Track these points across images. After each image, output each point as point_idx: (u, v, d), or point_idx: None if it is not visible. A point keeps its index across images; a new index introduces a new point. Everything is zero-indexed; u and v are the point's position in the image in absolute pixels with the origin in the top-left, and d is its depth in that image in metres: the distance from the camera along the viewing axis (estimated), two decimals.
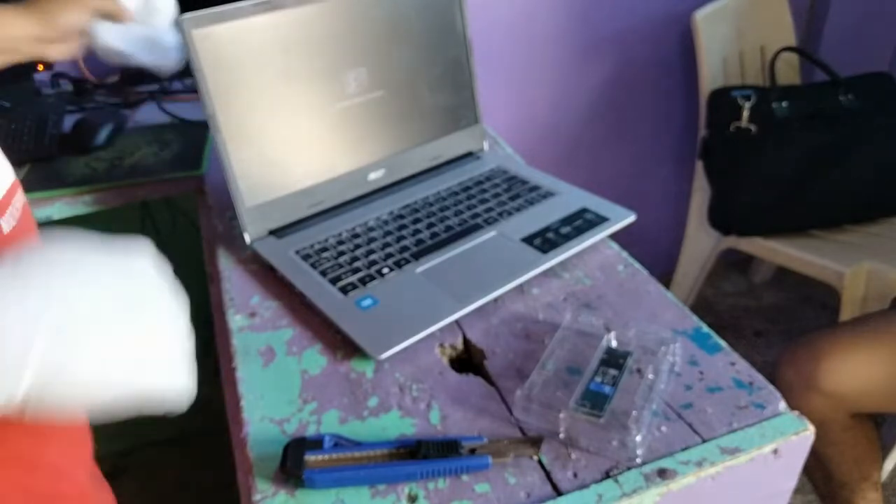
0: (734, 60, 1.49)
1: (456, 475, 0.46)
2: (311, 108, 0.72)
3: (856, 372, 0.94)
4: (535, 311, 0.61)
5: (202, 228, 0.86)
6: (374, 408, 0.52)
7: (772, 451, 0.47)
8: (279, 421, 0.51)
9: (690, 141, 1.61)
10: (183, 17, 0.62)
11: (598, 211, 0.72)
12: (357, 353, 0.57)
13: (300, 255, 0.68)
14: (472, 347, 0.58)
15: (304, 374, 0.55)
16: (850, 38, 1.60)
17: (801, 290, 1.82)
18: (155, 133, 1.04)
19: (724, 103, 1.37)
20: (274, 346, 0.59)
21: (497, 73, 1.39)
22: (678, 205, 1.67)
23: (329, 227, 0.73)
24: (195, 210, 0.90)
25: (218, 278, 0.69)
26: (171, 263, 0.40)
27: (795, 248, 1.35)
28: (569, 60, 1.46)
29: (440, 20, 0.79)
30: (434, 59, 0.80)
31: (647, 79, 1.56)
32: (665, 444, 0.47)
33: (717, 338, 0.57)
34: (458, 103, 0.84)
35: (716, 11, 1.42)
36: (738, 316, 1.79)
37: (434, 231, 0.71)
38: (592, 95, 1.53)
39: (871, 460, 1.02)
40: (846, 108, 1.34)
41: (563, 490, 0.45)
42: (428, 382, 0.54)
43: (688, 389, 0.52)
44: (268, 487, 0.46)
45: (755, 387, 0.51)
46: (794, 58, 1.53)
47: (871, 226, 1.39)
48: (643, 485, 0.44)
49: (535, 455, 0.47)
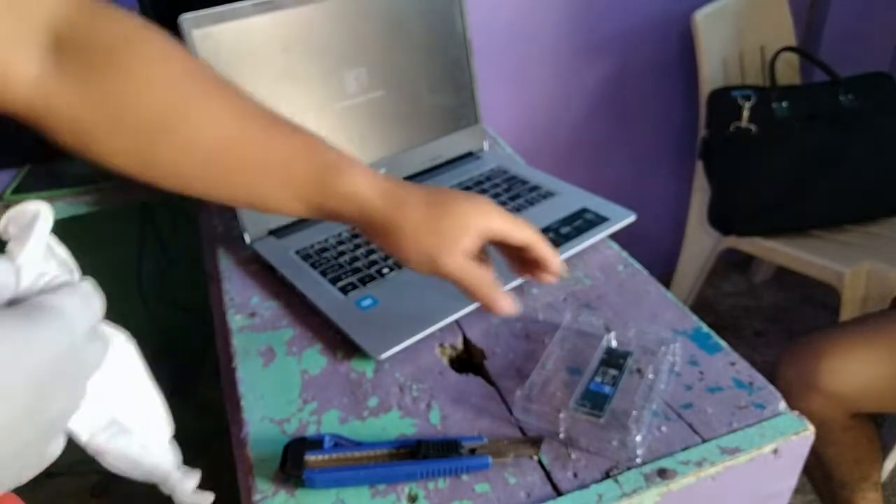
0: (734, 60, 1.49)
1: (456, 475, 0.46)
2: (312, 108, 0.72)
3: (856, 372, 0.94)
4: (535, 311, 0.61)
5: (202, 228, 0.86)
6: (374, 408, 0.52)
7: (772, 451, 0.47)
8: (279, 421, 0.51)
9: (690, 141, 1.61)
10: (183, 17, 0.62)
11: (598, 211, 0.72)
12: (357, 353, 0.57)
13: (300, 255, 0.68)
14: (472, 347, 0.58)
15: (304, 374, 0.55)
16: (850, 38, 1.60)
17: (801, 290, 1.82)
18: None
19: (724, 103, 1.37)
20: (274, 346, 0.59)
21: (497, 73, 1.39)
22: (678, 205, 1.67)
23: (329, 226, 0.73)
24: (195, 210, 0.90)
25: (218, 278, 0.69)
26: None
27: (795, 248, 1.35)
28: (569, 60, 1.46)
29: (440, 20, 0.79)
30: (434, 60, 0.80)
31: (647, 79, 1.56)
32: (665, 444, 0.47)
33: (717, 338, 0.57)
34: (458, 103, 0.84)
35: (716, 11, 1.41)
36: (738, 316, 1.79)
37: None
38: (592, 95, 1.53)
39: (871, 460, 1.02)
40: (846, 108, 1.34)
41: (563, 490, 0.44)
42: (428, 382, 0.54)
43: (688, 389, 0.52)
44: (268, 487, 0.46)
45: (755, 387, 0.51)
46: (794, 58, 1.53)
47: (871, 226, 1.39)
48: (643, 485, 0.44)
49: (535, 455, 0.47)
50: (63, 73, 0.41)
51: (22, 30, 0.40)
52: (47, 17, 0.41)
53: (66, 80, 0.41)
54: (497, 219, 0.48)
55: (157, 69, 0.43)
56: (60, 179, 0.92)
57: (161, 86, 0.43)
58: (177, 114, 0.44)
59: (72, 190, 0.90)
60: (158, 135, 0.44)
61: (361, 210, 0.46)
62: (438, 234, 0.46)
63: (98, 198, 0.90)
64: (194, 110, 0.44)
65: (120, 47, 0.43)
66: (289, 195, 0.46)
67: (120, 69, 0.42)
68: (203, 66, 0.46)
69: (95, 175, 0.93)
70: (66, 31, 0.41)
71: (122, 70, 0.42)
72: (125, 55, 0.43)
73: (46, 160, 0.97)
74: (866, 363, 0.94)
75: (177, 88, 0.44)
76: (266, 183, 0.46)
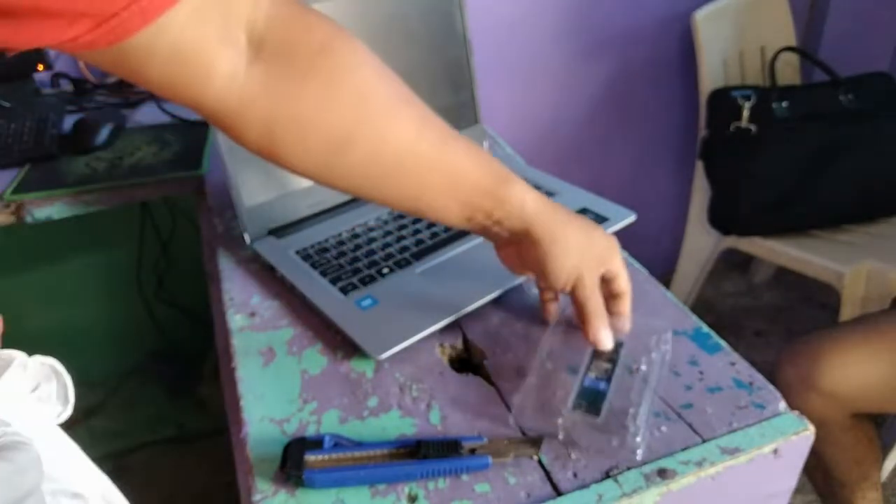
0: (734, 60, 1.49)
1: (456, 475, 0.46)
2: None
3: (856, 372, 0.94)
4: (535, 311, 0.61)
5: (202, 228, 0.86)
6: (374, 408, 0.52)
7: (772, 451, 0.47)
8: (279, 421, 0.51)
9: (690, 141, 1.61)
10: None
11: (598, 211, 0.72)
12: (357, 353, 0.57)
13: (300, 255, 0.68)
14: (472, 347, 0.58)
15: (304, 374, 0.55)
16: (850, 38, 1.60)
17: (801, 290, 1.82)
18: (155, 133, 1.04)
19: (724, 103, 1.37)
20: (274, 346, 0.59)
21: (497, 73, 1.39)
22: (678, 205, 1.67)
23: (329, 227, 0.73)
24: (195, 210, 0.90)
25: (218, 278, 0.69)
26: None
27: (795, 248, 1.35)
28: (569, 60, 1.46)
29: (440, 20, 0.79)
30: (434, 59, 0.80)
31: (647, 79, 1.56)
32: (665, 444, 0.47)
33: (717, 338, 0.57)
34: (458, 103, 0.84)
35: (716, 11, 1.42)
36: (738, 316, 1.79)
37: (434, 231, 0.71)
38: (592, 95, 1.53)
39: (871, 460, 1.02)
40: (846, 108, 1.34)
41: (563, 490, 0.44)
42: (428, 382, 0.54)
43: (688, 389, 0.52)
44: (268, 487, 0.46)
45: (755, 387, 0.51)
46: (794, 58, 1.53)
47: (871, 226, 1.39)
48: (643, 485, 0.44)
49: (535, 455, 0.47)
50: (263, 72, 0.41)
51: (225, 25, 0.40)
52: (249, 13, 0.41)
53: (265, 80, 0.42)
54: (618, 261, 0.54)
55: (352, 78, 0.44)
56: (60, 179, 0.92)
57: (355, 95, 0.44)
58: (366, 125, 0.45)
59: (72, 190, 0.89)
60: (345, 144, 0.45)
61: (529, 220, 0.50)
62: (590, 256, 0.52)
63: (98, 198, 0.90)
64: (382, 122, 0.45)
65: (321, 53, 0.43)
66: (458, 203, 0.49)
67: (319, 75, 0.43)
68: (390, 75, 0.47)
69: (95, 175, 0.93)
70: (266, 31, 0.41)
71: (321, 76, 0.43)
72: (326, 61, 0.43)
73: (46, 160, 0.97)
74: (866, 363, 0.94)
75: (368, 99, 0.45)
76: (439, 191, 0.49)
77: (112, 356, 1.48)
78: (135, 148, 1.00)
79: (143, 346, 1.52)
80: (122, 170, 0.94)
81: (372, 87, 0.45)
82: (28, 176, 0.93)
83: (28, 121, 1.03)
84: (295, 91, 0.42)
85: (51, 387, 0.31)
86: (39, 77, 1.17)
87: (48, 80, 1.19)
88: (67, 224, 0.96)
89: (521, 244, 0.53)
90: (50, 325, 1.40)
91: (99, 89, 1.18)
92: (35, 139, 0.99)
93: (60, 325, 1.41)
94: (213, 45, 0.39)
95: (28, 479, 0.29)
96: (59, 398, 0.32)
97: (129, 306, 1.43)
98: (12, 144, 0.98)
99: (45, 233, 1.18)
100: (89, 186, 0.90)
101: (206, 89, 0.41)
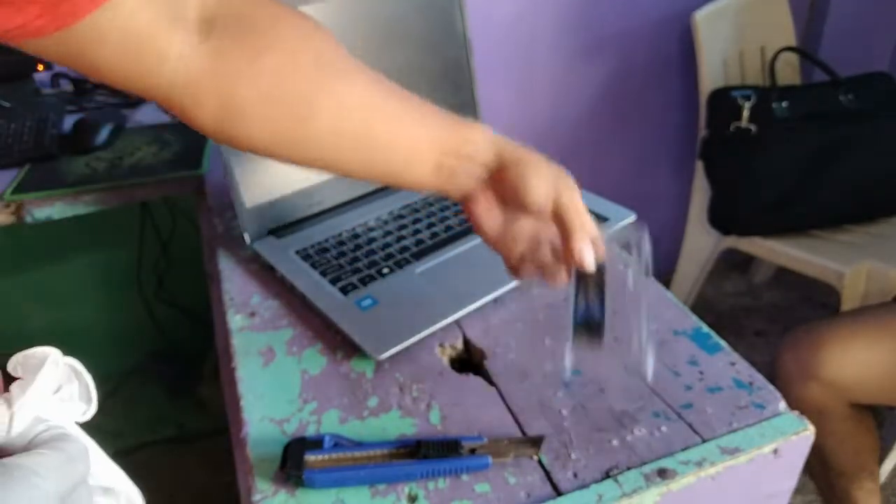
0: (734, 60, 1.49)
1: (456, 475, 0.46)
2: None
3: (855, 361, 0.94)
4: (535, 311, 0.61)
5: (202, 228, 0.86)
6: (374, 408, 0.52)
7: (772, 450, 0.47)
8: (279, 421, 0.51)
9: (690, 141, 1.61)
10: None
11: (598, 210, 0.72)
12: (357, 353, 0.57)
13: (300, 255, 0.68)
14: (472, 347, 0.58)
15: (304, 374, 0.55)
16: (850, 38, 1.60)
17: (801, 290, 1.82)
18: (155, 133, 1.04)
19: (724, 103, 1.37)
20: (274, 346, 0.59)
21: (497, 73, 1.39)
22: (678, 205, 1.67)
23: (329, 227, 0.73)
24: (195, 210, 0.90)
25: (218, 278, 0.69)
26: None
27: (795, 248, 1.35)
28: (569, 60, 1.46)
29: (440, 20, 0.79)
30: (434, 60, 0.80)
31: (647, 79, 1.56)
32: (665, 444, 0.47)
33: (717, 338, 0.57)
34: (458, 103, 0.84)
35: (716, 11, 1.42)
36: (738, 316, 1.79)
37: (434, 231, 0.71)
38: (592, 95, 1.53)
39: (869, 451, 1.02)
40: (846, 108, 1.34)
41: (563, 490, 0.45)
42: (428, 382, 0.54)
43: (688, 389, 0.52)
44: (268, 487, 0.46)
45: (755, 387, 0.51)
46: (794, 58, 1.53)
47: (871, 226, 1.39)
48: (643, 485, 0.44)
49: (535, 455, 0.47)
50: (214, 49, 0.41)
51: (176, 5, 0.39)
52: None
53: (219, 57, 0.41)
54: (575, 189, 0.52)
55: (308, 46, 0.44)
56: (60, 179, 0.92)
57: (312, 63, 0.44)
58: (327, 92, 0.44)
59: (72, 190, 0.89)
60: (307, 113, 0.44)
61: (499, 144, 0.49)
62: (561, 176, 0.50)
63: (98, 198, 0.90)
64: (342, 87, 0.45)
65: (276, 24, 0.43)
66: (427, 146, 0.48)
67: (275, 45, 0.42)
68: (339, 43, 0.47)
69: (95, 175, 0.93)
70: (217, 8, 0.41)
71: (277, 46, 0.42)
72: (282, 32, 0.43)
73: (46, 160, 0.97)
74: (866, 353, 0.94)
75: (325, 66, 0.44)
76: (407, 143, 0.48)
77: (112, 356, 1.48)
78: (135, 148, 1.00)
79: (143, 346, 1.52)
80: (122, 170, 0.94)
81: (328, 54, 0.45)
82: (28, 176, 0.93)
83: (28, 121, 1.03)
84: (252, 65, 0.42)
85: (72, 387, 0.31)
86: (39, 77, 1.17)
87: (48, 80, 1.19)
88: (67, 224, 0.96)
89: (492, 179, 0.50)
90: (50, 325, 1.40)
91: (99, 89, 1.18)
92: (35, 139, 0.99)
93: (60, 325, 1.41)
94: (164, 27, 0.39)
95: (79, 468, 0.30)
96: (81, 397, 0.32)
97: (129, 306, 1.43)
98: (12, 144, 0.98)
99: (45, 233, 1.19)
100: (89, 186, 0.90)
101: (159, 72, 0.40)
